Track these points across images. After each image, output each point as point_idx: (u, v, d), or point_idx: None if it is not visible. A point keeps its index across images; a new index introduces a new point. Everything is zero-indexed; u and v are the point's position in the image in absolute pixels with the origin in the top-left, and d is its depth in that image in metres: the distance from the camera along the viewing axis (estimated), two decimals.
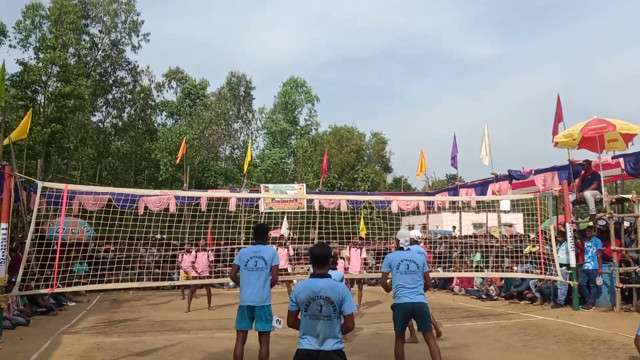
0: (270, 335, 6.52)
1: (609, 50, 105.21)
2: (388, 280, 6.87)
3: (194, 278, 14.49)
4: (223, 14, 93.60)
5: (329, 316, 4.24)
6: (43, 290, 11.25)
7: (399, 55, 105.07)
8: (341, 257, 13.53)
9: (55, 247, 10.86)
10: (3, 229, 9.78)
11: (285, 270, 15.16)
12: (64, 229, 12.76)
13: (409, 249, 6.87)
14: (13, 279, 10.33)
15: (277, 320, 5.88)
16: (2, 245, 9.67)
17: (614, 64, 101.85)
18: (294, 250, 16.85)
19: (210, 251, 14.93)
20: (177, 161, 23.10)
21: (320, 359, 4.22)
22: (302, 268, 18.85)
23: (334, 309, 4.24)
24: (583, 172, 13.95)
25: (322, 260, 4.53)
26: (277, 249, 13.29)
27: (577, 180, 14.11)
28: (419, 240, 8.43)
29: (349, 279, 14.60)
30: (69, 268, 13.00)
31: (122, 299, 16.70)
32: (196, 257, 14.35)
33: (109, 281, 13.26)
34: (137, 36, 42.47)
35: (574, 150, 14.21)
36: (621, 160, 14.02)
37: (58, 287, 11.14)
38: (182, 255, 15.85)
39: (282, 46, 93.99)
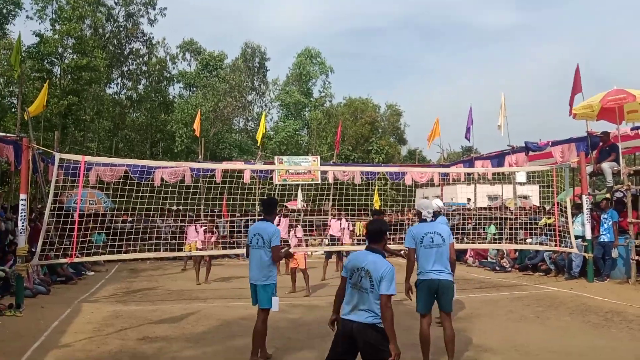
0: (282, 305, 6.60)
1: (630, 19, 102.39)
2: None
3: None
4: None
5: (365, 289, 4.27)
6: (62, 260, 11.47)
7: (415, 25, 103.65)
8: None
9: (74, 217, 11.02)
10: (22, 199, 9.94)
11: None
12: (82, 199, 12.94)
13: (432, 221, 6.36)
14: (33, 249, 10.55)
15: (275, 300, 6.19)
16: (22, 216, 9.84)
17: (636, 34, 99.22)
18: (304, 224, 16.37)
19: (213, 232, 14.83)
20: (197, 133, 23.11)
21: (354, 330, 4.26)
22: (315, 240, 18.98)
23: (371, 283, 4.25)
24: (601, 143, 13.75)
25: (375, 236, 4.54)
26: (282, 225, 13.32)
27: (594, 152, 13.92)
28: (441, 211, 7.70)
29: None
30: (88, 238, 13.24)
31: (139, 269, 17.00)
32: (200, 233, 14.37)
33: (126, 251, 13.45)
34: (154, 9, 42.23)
35: (593, 122, 13.98)
36: None
37: (77, 257, 11.32)
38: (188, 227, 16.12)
39: (296, 16, 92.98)
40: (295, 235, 12.59)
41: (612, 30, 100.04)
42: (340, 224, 15.18)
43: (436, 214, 6.65)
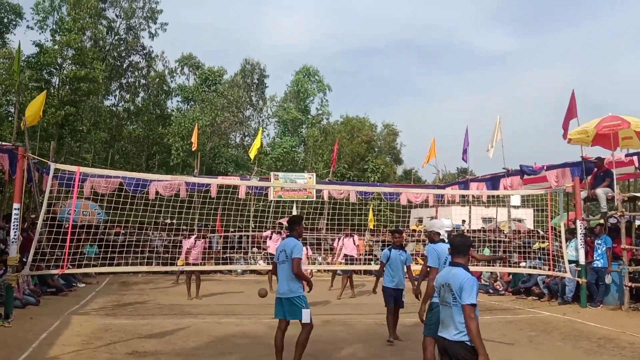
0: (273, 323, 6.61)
1: (626, 46, 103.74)
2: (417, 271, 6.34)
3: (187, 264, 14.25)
4: (239, 2, 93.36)
5: (449, 303, 4.36)
6: (53, 271, 11.39)
7: (414, 46, 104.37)
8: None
9: (67, 228, 10.96)
10: (16, 209, 9.89)
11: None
12: (75, 210, 12.87)
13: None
14: (24, 259, 10.46)
15: (305, 313, 6.43)
16: (14, 225, 9.78)
17: (630, 61, 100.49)
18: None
19: (206, 239, 14.64)
20: (194, 147, 23.16)
21: (447, 347, 4.34)
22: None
23: (453, 297, 4.31)
24: (595, 169, 13.84)
25: (460, 249, 4.62)
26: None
27: (589, 177, 14.00)
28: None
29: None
30: (80, 250, 13.15)
31: (131, 282, 16.88)
32: (194, 244, 13.88)
33: (118, 264, 13.38)
34: (155, 23, 42.53)
35: (588, 147, 14.08)
36: (635, 158, 13.89)
37: (68, 268, 11.26)
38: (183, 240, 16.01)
39: (296, 35, 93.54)
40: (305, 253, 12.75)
41: (606, 57, 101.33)
42: (354, 241, 15.14)
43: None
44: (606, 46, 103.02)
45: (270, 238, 15.76)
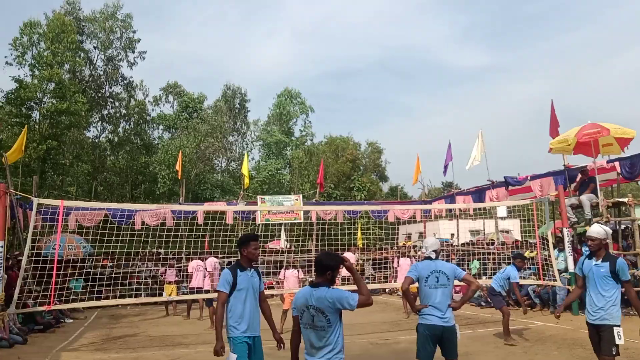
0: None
1: (594, 56, 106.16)
2: (415, 289, 6.05)
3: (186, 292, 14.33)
4: (218, 29, 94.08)
5: (322, 327, 4.12)
6: (40, 308, 11.19)
7: (393, 67, 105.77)
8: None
9: (52, 264, 10.80)
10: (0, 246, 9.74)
11: None
12: (60, 245, 12.71)
13: (436, 259, 5.94)
14: (9, 297, 10.26)
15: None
16: None
17: (600, 69, 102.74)
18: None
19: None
20: (179, 175, 23.17)
21: None
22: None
23: (326, 318, 4.10)
24: (580, 176, 14.00)
25: (321, 269, 4.29)
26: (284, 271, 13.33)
27: (575, 184, 14.16)
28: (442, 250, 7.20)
29: None
30: (66, 285, 12.95)
31: (120, 315, 16.60)
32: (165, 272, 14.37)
33: (106, 297, 13.19)
34: (133, 52, 42.59)
35: (570, 156, 14.27)
36: (617, 164, 14.09)
37: (55, 304, 11.07)
38: (166, 269, 16.00)
39: (277, 59, 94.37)
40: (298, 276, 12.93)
41: (578, 66, 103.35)
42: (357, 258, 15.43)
43: (437, 253, 6.09)
44: (577, 57, 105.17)
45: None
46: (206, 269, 14.53)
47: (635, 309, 5.81)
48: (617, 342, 5.72)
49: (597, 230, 5.76)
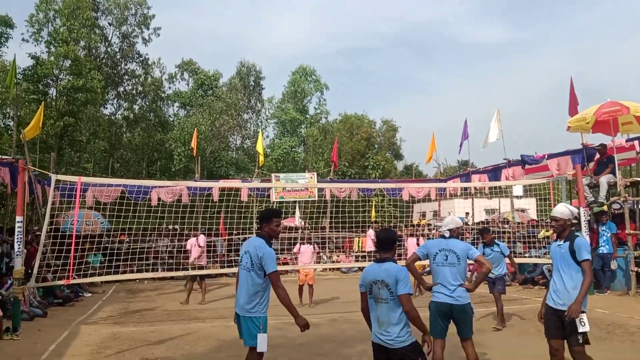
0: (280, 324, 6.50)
1: (619, 33, 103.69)
2: (425, 267, 6.13)
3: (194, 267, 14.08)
4: (234, 4, 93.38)
5: (384, 299, 4.32)
6: (59, 282, 11.40)
7: (410, 43, 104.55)
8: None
9: (70, 239, 10.97)
10: (19, 222, 9.89)
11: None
12: (78, 220, 12.89)
13: (450, 237, 5.91)
14: (29, 271, 10.47)
15: (262, 338, 5.25)
16: (18, 238, 9.79)
17: (625, 47, 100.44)
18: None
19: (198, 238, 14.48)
20: (194, 153, 23.31)
21: (390, 354, 4.30)
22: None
23: (389, 291, 4.29)
24: (598, 155, 13.81)
25: (385, 244, 4.55)
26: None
27: (592, 164, 13.97)
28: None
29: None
30: (84, 259, 13.16)
31: (137, 289, 16.87)
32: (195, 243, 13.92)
33: (124, 272, 13.38)
34: (148, 29, 42.52)
35: (588, 134, 14.06)
36: (636, 143, 13.88)
37: (74, 278, 11.27)
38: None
39: (292, 36, 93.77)
40: (314, 251, 13.07)
41: (601, 44, 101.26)
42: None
43: (453, 232, 6.02)
44: (599, 35, 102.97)
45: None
46: (199, 245, 14.13)
47: (581, 290, 5.11)
48: (580, 329, 5.17)
49: (561, 210, 5.46)
